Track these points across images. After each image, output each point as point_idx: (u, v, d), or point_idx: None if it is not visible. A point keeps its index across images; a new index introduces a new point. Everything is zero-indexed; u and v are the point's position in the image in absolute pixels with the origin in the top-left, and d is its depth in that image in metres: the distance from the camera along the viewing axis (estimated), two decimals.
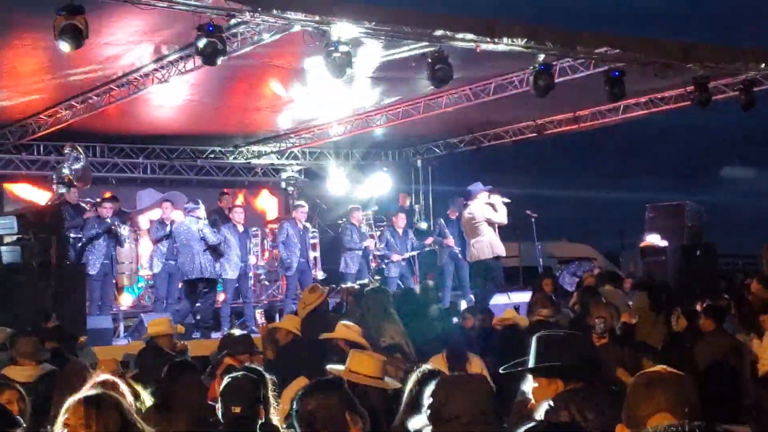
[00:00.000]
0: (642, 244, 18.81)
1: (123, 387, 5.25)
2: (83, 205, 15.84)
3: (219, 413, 5.56)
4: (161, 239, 15.78)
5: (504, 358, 7.90)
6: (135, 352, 10.28)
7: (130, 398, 5.13)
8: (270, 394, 5.72)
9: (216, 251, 15.56)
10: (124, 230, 15.58)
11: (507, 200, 16.14)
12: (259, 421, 5.52)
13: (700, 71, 14.60)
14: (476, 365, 8.38)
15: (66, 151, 16.16)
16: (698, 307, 10.27)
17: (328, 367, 6.41)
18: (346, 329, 8.32)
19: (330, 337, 8.31)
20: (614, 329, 9.11)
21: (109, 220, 15.19)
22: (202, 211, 15.82)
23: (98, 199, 16.03)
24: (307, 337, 9.01)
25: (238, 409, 5.42)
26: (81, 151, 16.01)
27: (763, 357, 8.65)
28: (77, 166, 15.80)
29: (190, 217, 15.65)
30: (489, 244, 15.78)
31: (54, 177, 15.98)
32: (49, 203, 15.33)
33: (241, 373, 5.75)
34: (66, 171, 15.54)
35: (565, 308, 13.73)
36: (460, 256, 17.51)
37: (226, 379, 5.68)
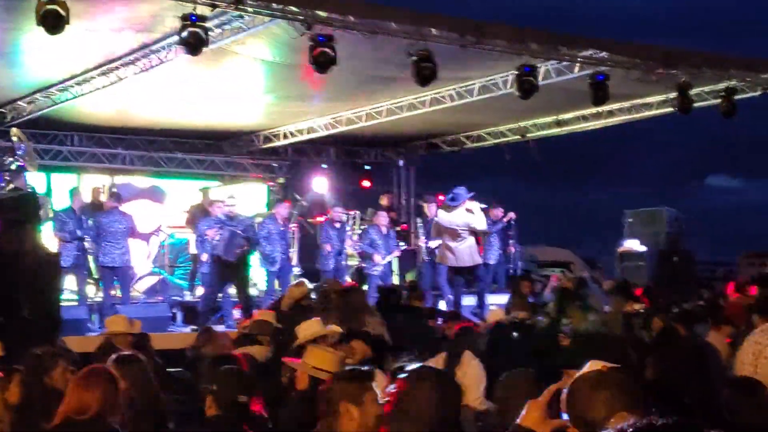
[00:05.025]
0: (620, 249, 18.87)
1: None
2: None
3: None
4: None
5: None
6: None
7: None
8: None
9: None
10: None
11: (483, 206, 16.09)
12: None
13: (683, 77, 14.62)
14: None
15: (14, 138, 16.04)
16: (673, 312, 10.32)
17: (285, 359, 6.65)
18: (308, 328, 8.14)
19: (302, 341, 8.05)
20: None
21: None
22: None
23: None
24: (287, 329, 9.01)
25: (245, 399, 5.52)
26: (23, 137, 15.90)
27: (741, 361, 8.58)
28: (20, 152, 15.71)
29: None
30: (470, 253, 15.74)
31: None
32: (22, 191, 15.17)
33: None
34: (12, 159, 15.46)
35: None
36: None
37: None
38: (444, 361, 8.56)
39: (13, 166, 14.91)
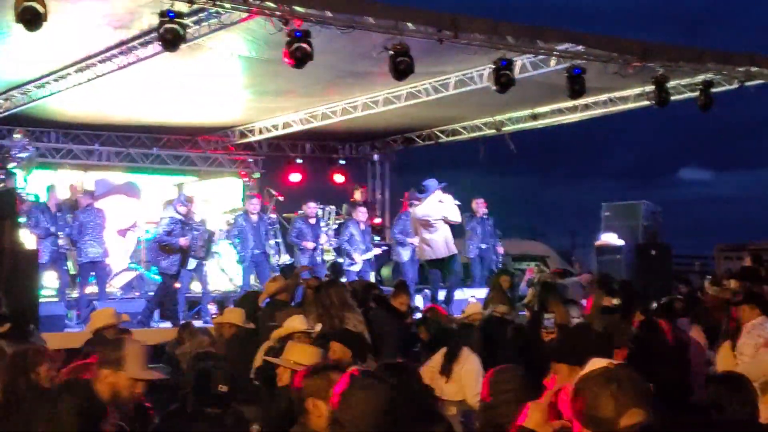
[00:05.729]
0: (597, 243, 18.91)
1: None
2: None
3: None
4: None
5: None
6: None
7: None
8: None
9: None
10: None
11: (458, 202, 16.02)
12: None
13: (660, 71, 14.67)
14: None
15: (16, 137, 15.93)
16: (653, 306, 10.36)
17: (266, 357, 6.74)
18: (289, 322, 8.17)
19: (282, 333, 8.09)
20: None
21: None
22: None
23: None
24: (264, 323, 9.00)
25: (225, 388, 5.53)
26: (30, 139, 15.79)
27: (739, 353, 8.58)
28: (23, 155, 15.62)
29: None
30: (445, 243, 15.70)
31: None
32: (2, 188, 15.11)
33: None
34: (10, 157, 15.37)
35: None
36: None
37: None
38: (443, 356, 8.51)
39: (10, 165, 14.85)
